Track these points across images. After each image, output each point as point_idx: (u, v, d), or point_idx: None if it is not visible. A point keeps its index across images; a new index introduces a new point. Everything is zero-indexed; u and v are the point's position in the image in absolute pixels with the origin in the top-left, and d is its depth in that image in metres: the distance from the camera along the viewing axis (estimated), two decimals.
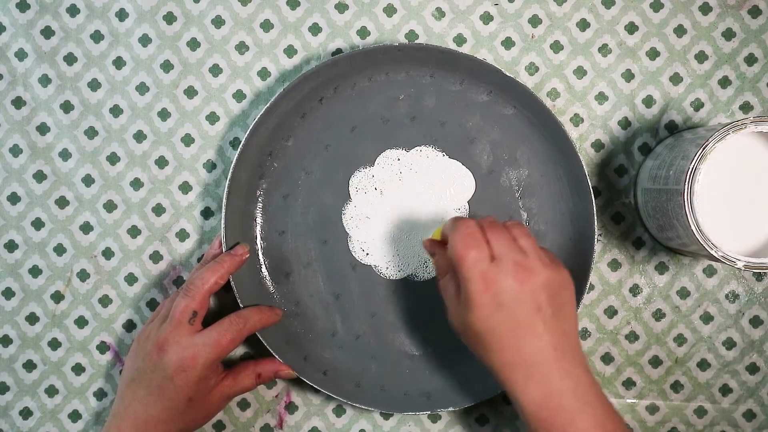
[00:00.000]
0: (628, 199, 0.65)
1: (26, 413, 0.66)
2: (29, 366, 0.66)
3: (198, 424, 0.60)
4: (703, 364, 0.66)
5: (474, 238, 0.52)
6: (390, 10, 0.65)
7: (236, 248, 0.61)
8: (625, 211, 0.65)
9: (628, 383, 0.66)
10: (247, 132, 0.62)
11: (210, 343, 0.58)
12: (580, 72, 0.65)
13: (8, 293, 0.66)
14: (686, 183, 0.54)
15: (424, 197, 0.64)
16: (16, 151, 0.66)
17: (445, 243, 0.55)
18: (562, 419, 0.51)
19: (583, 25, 0.65)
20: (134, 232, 0.66)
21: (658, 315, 0.66)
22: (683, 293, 0.66)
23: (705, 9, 0.65)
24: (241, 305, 0.62)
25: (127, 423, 0.58)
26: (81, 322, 0.66)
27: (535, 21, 0.65)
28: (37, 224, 0.66)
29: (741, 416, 0.66)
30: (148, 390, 0.58)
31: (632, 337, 0.66)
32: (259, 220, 0.64)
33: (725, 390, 0.66)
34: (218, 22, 0.66)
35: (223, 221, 0.62)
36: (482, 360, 0.54)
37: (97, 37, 0.66)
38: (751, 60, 0.65)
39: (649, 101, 0.65)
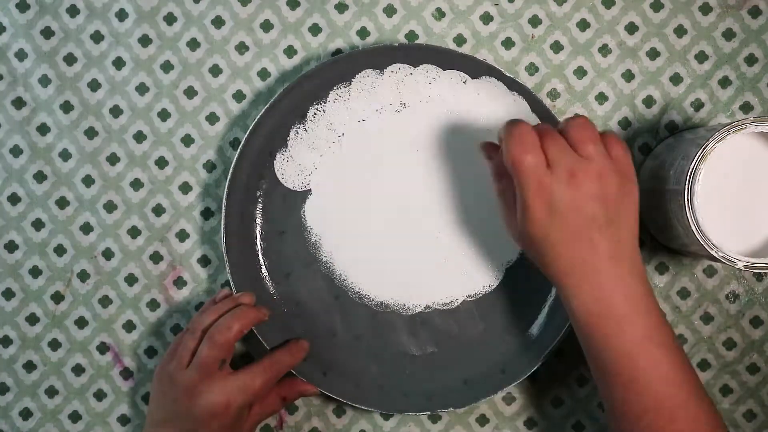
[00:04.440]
0: None
1: (26, 414, 0.66)
2: (29, 367, 0.66)
3: None
4: (704, 365, 0.66)
5: (530, 143, 0.50)
6: (390, 11, 0.65)
7: (261, 307, 0.61)
8: None
9: None
10: (247, 132, 0.62)
11: (243, 388, 0.57)
12: (581, 72, 0.65)
13: (8, 294, 0.66)
14: (686, 183, 0.54)
15: (424, 200, 0.64)
16: (16, 151, 0.66)
17: (499, 146, 0.53)
18: (610, 325, 0.51)
19: (583, 25, 0.65)
20: (134, 232, 0.66)
21: None
22: (683, 293, 0.66)
23: (705, 9, 0.65)
24: None
25: None
26: (81, 322, 0.66)
27: (535, 21, 0.65)
28: (38, 225, 0.66)
29: (741, 416, 0.66)
30: None
31: None
32: (259, 220, 0.64)
33: (725, 390, 0.66)
34: (218, 22, 0.66)
35: (223, 221, 0.62)
36: (540, 267, 0.54)
37: (97, 37, 0.66)
38: (751, 60, 0.65)
39: (649, 101, 0.65)
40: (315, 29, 0.66)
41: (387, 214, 0.64)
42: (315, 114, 0.64)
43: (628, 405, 0.51)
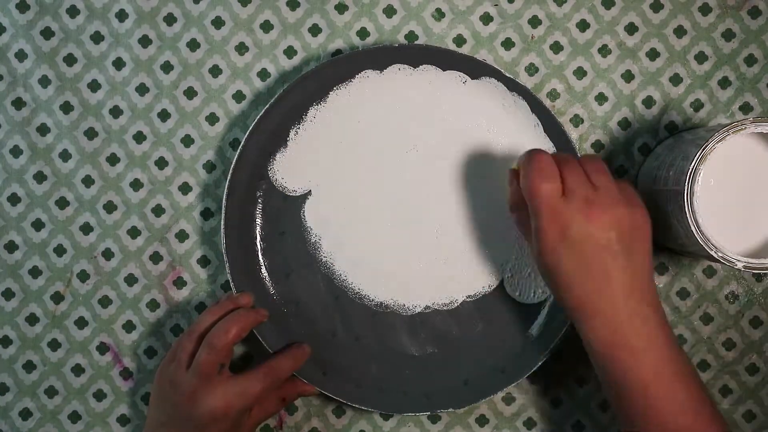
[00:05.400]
0: None
1: (26, 414, 0.66)
2: (29, 367, 0.66)
3: None
4: (703, 365, 0.66)
5: (547, 171, 0.51)
6: (390, 11, 0.65)
7: (259, 309, 0.61)
8: None
9: None
10: (247, 133, 0.62)
11: (242, 393, 0.58)
12: (580, 73, 0.65)
13: (8, 294, 0.66)
14: (686, 184, 0.54)
15: (425, 201, 0.64)
16: (16, 152, 0.66)
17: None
18: (625, 356, 0.51)
19: (583, 25, 0.65)
20: (134, 232, 0.66)
21: None
22: (683, 294, 0.66)
23: (705, 10, 0.65)
24: None
25: None
26: (81, 322, 0.66)
27: (534, 22, 0.65)
28: (38, 225, 0.66)
29: (741, 417, 0.66)
30: None
31: None
32: (258, 220, 0.64)
33: (725, 391, 0.66)
34: (218, 23, 0.66)
35: (222, 222, 0.62)
36: (555, 297, 0.54)
37: (97, 37, 0.66)
38: (750, 61, 0.65)
39: (649, 102, 0.65)
40: (315, 30, 0.66)
41: (387, 215, 0.64)
42: (315, 115, 0.64)
43: None
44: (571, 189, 0.51)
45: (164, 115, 0.66)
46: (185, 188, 0.66)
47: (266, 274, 0.65)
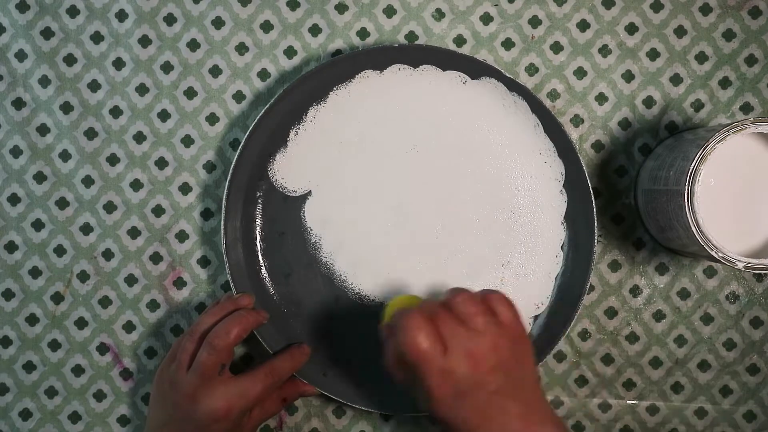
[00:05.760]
0: (628, 199, 0.65)
1: (26, 414, 0.66)
2: (29, 367, 0.66)
3: None
4: (704, 365, 0.66)
5: (424, 330, 0.51)
6: (390, 11, 0.65)
7: (260, 310, 0.61)
8: (625, 212, 0.65)
9: (629, 384, 0.66)
10: (247, 133, 0.62)
11: (243, 394, 0.58)
12: (580, 73, 0.65)
13: (8, 294, 0.66)
14: (686, 184, 0.54)
15: (425, 201, 0.64)
16: (16, 152, 0.66)
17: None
18: None
19: (583, 25, 0.65)
20: (134, 233, 0.66)
21: (659, 316, 0.66)
22: (683, 294, 0.66)
23: (705, 10, 0.65)
24: None
25: None
26: (81, 323, 0.66)
27: (535, 22, 0.65)
28: (37, 225, 0.66)
29: (741, 417, 0.65)
30: None
31: (632, 338, 0.66)
32: (258, 221, 0.64)
33: (725, 391, 0.66)
34: (218, 23, 0.66)
35: (222, 222, 0.62)
36: None
37: (96, 38, 0.66)
38: (751, 61, 0.65)
39: (649, 102, 0.65)
40: (315, 30, 0.66)
41: (387, 215, 0.64)
42: (315, 115, 0.64)
43: None
44: (449, 342, 0.51)
45: (164, 115, 0.66)
46: (185, 188, 0.66)
47: (266, 275, 0.65)
